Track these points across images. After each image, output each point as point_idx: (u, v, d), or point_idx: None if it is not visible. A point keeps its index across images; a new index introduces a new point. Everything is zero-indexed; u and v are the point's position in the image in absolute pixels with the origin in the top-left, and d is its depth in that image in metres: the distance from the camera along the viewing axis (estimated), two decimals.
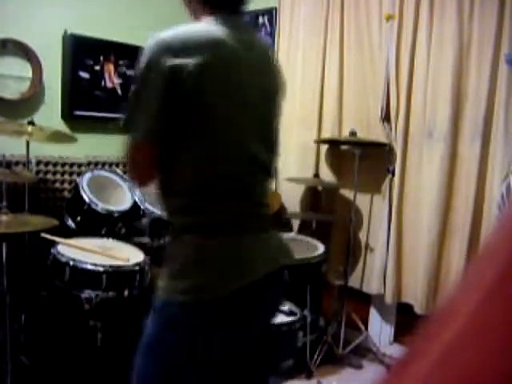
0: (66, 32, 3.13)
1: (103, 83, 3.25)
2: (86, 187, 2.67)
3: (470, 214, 2.50)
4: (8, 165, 2.83)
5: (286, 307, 2.10)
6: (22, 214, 2.62)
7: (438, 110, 2.61)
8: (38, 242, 2.53)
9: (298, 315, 2.04)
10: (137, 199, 2.75)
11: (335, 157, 3.11)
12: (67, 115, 3.17)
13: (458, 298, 0.28)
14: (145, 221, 2.71)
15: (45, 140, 2.74)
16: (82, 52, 3.17)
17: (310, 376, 2.59)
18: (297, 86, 3.21)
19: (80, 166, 3.24)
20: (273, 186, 3.37)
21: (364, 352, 2.94)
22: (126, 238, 2.69)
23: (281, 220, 3.18)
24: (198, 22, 1.30)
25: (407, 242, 2.77)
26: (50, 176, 3.15)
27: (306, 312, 2.27)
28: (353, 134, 2.78)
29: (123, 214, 2.68)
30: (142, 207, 2.71)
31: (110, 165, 3.32)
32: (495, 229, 0.29)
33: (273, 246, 1.35)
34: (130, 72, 3.40)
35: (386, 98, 2.81)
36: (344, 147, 3.01)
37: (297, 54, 3.22)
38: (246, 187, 1.30)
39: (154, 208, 2.69)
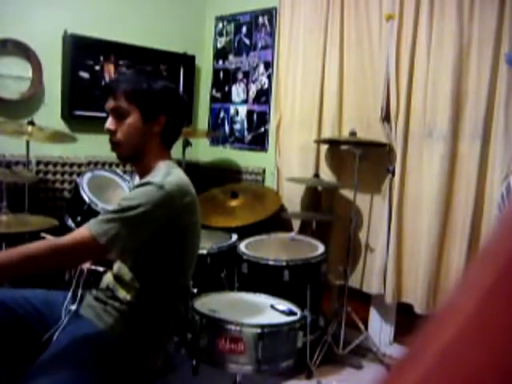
0: (65, 32, 3.13)
1: (103, 83, 3.25)
2: (86, 187, 2.67)
3: (470, 214, 2.50)
4: (8, 165, 2.83)
5: (285, 307, 2.10)
6: (21, 214, 2.62)
7: (438, 110, 2.61)
8: None
9: (298, 315, 2.04)
10: None
11: (335, 157, 3.11)
12: (67, 115, 3.17)
13: (457, 298, 0.28)
14: None
15: (45, 140, 2.74)
16: (82, 52, 3.17)
17: (310, 376, 2.59)
18: (297, 86, 3.21)
19: (80, 166, 3.24)
20: (273, 186, 3.37)
21: (364, 352, 2.94)
22: None
23: (281, 220, 3.18)
24: (173, 168, 1.51)
25: (407, 242, 2.77)
26: (50, 176, 3.15)
27: (306, 312, 2.26)
28: (353, 134, 2.78)
29: None
30: None
31: (110, 165, 3.32)
32: (495, 229, 0.29)
33: None
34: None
35: (385, 98, 2.81)
36: (344, 147, 3.01)
37: (297, 54, 3.21)
38: None
39: None
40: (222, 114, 3.81)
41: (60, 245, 1.30)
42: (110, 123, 1.50)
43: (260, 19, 3.53)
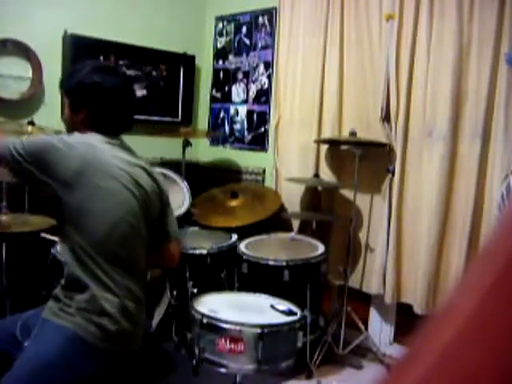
0: (66, 32, 3.13)
1: None
2: None
3: (470, 214, 2.50)
4: None
5: (285, 307, 2.10)
6: (21, 214, 2.62)
7: (438, 110, 2.61)
8: (37, 242, 2.53)
9: (298, 315, 2.04)
10: None
11: (335, 157, 3.11)
12: None
13: (457, 299, 0.28)
14: None
15: None
16: (82, 52, 3.17)
17: (310, 376, 2.59)
18: (297, 86, 3.21)
19: None
20: (273, 186, 3.37)
21: (364, 352, 2.94)
22: None
23: (281, 220, 3.18)
24: (86, 134, 1.69)
25: (407, 242, 2.77)
26: None
27: (306, 312, 2.26)
28: (353, 134, 2.78)
29: None
30: None
31: None
32: (495, 229, 0.29)
33: None
34: (129, 72, 3.40)
35: (385, 98, 2.81)
36: (344, 147, 3.01)
37: (297, 54, 3.21)
38: None
39: None
40: (222, 114, 3.81)
41: None
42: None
43: (260, 19, 3.53)
